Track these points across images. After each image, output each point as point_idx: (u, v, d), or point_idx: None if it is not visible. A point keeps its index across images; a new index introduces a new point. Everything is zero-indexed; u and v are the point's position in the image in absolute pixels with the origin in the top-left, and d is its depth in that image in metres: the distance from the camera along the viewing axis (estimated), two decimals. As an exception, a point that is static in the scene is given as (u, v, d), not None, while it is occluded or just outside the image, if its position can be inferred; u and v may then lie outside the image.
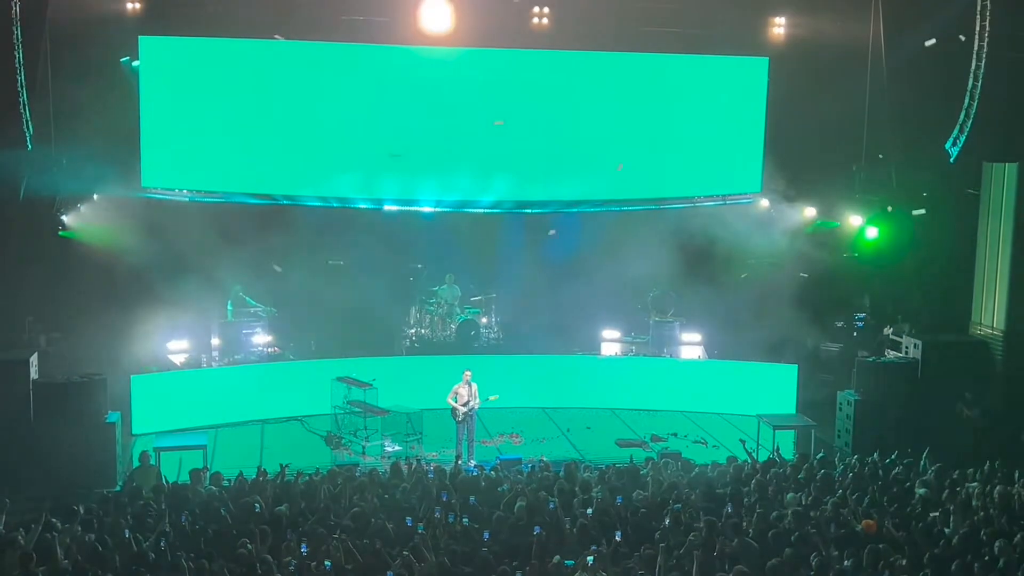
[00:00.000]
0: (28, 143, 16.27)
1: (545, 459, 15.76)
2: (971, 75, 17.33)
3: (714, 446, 17.76)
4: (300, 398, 18.68)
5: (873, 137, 19.90)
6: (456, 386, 16.70)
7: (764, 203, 20.42)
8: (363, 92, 18.94)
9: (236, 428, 18.21)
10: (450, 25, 18.32)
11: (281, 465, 13.60)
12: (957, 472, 13.52)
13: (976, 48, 17.17)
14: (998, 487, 12.76)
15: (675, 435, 18.36)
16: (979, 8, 17.05)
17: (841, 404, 17.72)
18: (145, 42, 17.94)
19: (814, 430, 17.38)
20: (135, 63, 18.05)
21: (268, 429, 18.37)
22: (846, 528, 11.40)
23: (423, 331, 21.22)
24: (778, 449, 15.34)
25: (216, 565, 10.03)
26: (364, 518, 11.59)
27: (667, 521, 11.57)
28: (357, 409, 17.61)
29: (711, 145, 19.93)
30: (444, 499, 12.37)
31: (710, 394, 19.63)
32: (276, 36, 18.40)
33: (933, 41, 18.18)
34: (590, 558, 10.19)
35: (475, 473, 14.08)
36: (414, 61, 18.92)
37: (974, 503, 12.29)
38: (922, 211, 19.14)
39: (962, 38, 17.46)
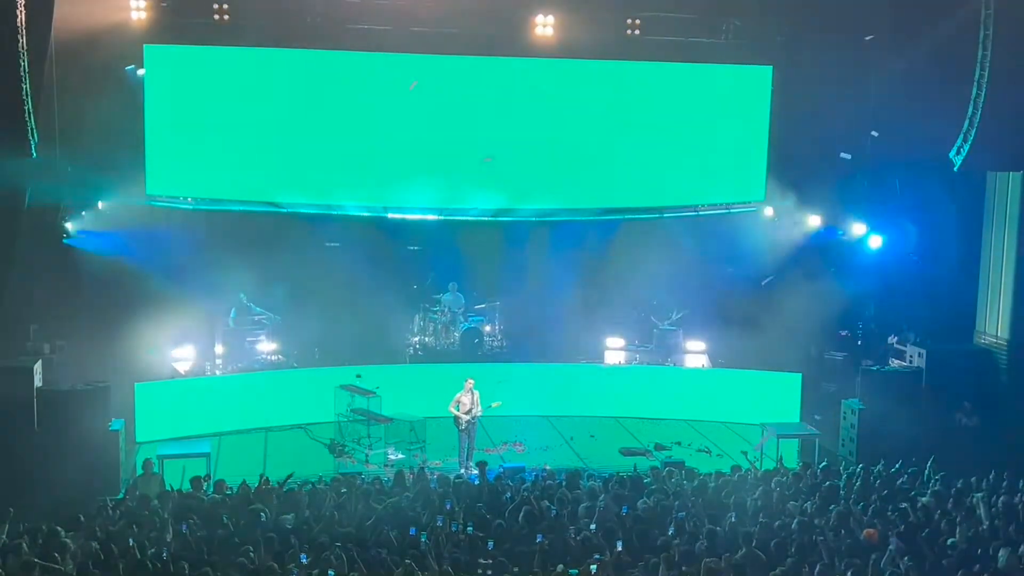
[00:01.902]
0: (33, 151, 16.30)
1: (548, 467, 15.78)
2: (975, 83, 17.34)
3: (718, 455, 17.72)
4: (304, 406, 18.68)
5: (877, 145, 19.89)
6: (458, 394, 16.69)
7: (768, 211, 20.41)
8: (367, 100, 18.97)
9: (240, 436, 18.20)
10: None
11: (287, 477, 13.61)
12: (962, 481, 13.48)
13: (980, 56, 17.18)
14: (1003, 497, 12.72)
15: (679, 444, 18.33)
16: (983, 16, 17.06)
17: (845, 413, 17.69)
18: (150, 50, 17.99)
19: (818, 439, 17.35)
20: (140, 71, 18.10)
21: (271, 437, 18.37)
22: (851, 537, 11.37)
23: (426, 339, 21.21)
24: (781, 460, 15.31)
25: (219, 573, 10.02)
26: (368, 527, 11.58)
27: (671, 530, 11.56)
28: (360, 417, 17.60)
29: (715, 153, 19.93)
30: (448, 508, 12.36)
31: (714, 403, 19.60)
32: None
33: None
34: (593, 567, 10.17)
35: (478, 482, 14.06)
36: (419, 69, 18.96)
37: (979, 513, 12.24)
38: None
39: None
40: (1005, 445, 16.07)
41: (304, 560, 10.36)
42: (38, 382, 15.63)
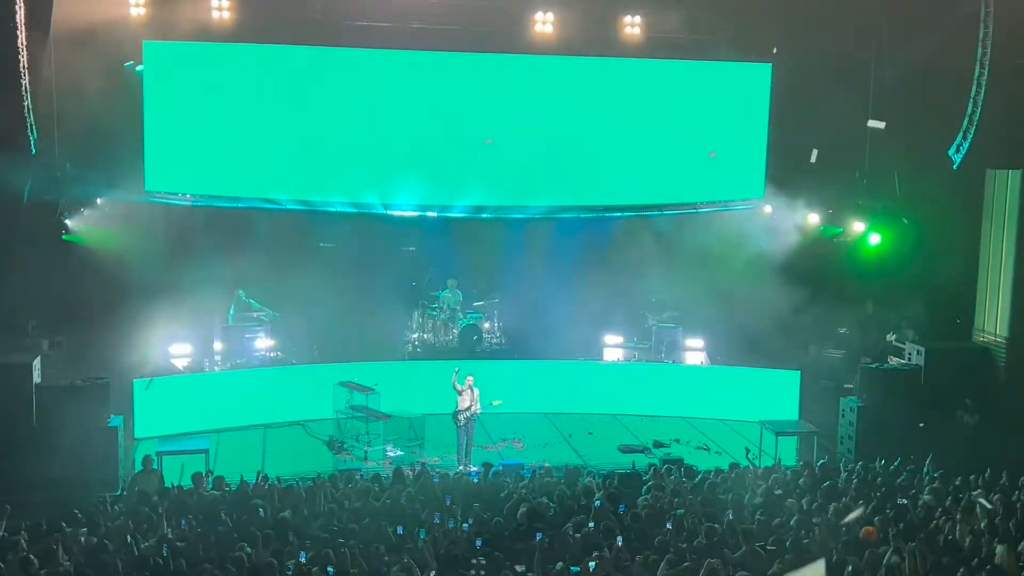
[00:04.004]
0: (32, 148, 16.30)
1: (547, 464, 15.79)
2: (974, 82, 17.35)
3: (716, 452, 17.74)
4: (302, 402, 18.69)
5: (876, 143, 19.89)
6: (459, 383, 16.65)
7: (767, 209, 20.41)
8: (367, 97, 18.94)
9: (238, 432, 18.20)
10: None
11: (278, 478, 13.61)
12: (960, 479, 13.49)
13: (979, 55, 17.19)
14: (1001, 494, 12.73)
15: (677, 441, 18.36)
16: (982, 15, 17.07)
17: (844, 411, 17.70)
18: (149, 47, 17.96)
19: (816, 436, 17.36)
20: (139, 68, 18.07)
21: (270, 433, 18.37)
22: (848, 535, 11.38)
23: (425, 336, 21.22)
24: (780, 462, 15.31)
25: (217, 570, 10.02)
26: (367, 523, 11.59)
27: (669, 526, 11.57)
28: (359, 414, 17.61)
29: (714, 150, 19.91)
30: (448, 504, 12.37)
31: (712, 400, 19.62)
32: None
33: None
34: (592, 563, 10.18)
35: (476, 479, 14.08)
36: (418, 66, 18.95)
37: (978, 510, 12.25)
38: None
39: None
40: (1003, 442, 16.10)
41: (303, 557, 10.36)
42: (37, 378, 15.66)
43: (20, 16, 15.64)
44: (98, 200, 18.29)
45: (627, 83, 19.64)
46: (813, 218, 20.33)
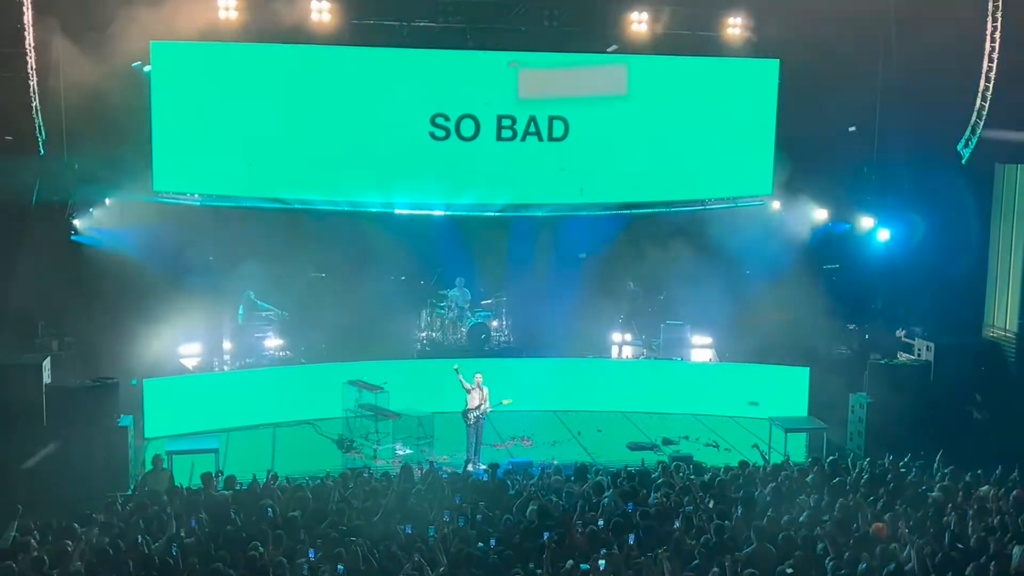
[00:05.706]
0: (40, 148, 16.34)
1: (556, 462, 15.78)
2: (982, 76, 17.29)
3: (726, 449, 17.73)
4: (312, 402, 18.72)
5: (884, 138, 19.84)
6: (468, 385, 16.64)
7: (775, 205, 20.37)
8: (374, 96, 18.93)
9: (248, 432, 18.25)
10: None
11: (287, 478, 13.63)
12: (969, 475, 13.45)
13: (988, 48, 17.14)
14: (1013, 490, 12.69)
15: (686, 438, 18.34)
16: (990, 8, 17.02)
17: (853, 407, 17.67)
18: (156, 47, 17.98)
19: (826, 433, 17.34)
20: (147, 68, 18.09)
21: (280, 433, 18.41)
22: (859, 531, 11.35)
23: (434, 334, 21.24)
24: (788, 460, 15.28)
25: (228, 569, 10.03)
26: (377, 522, 11.59)
27: (678, 524, 11.55)
28: (368, 412, 17.62)
29: (722, 147, 19.88)
30: (458, 502, 12.37)
31: (721, 397, 19.60)
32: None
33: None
34: (602, 562, 10.17)
35: (485, 478, 14.07)
36: (422, 65, 18.94)
37: (989, 506, 12.21)
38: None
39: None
40: (1013, 437, 16.05)
41: (312, 555, 10.37)
42: (47, 379, 15.69)
43: (27, 17, 15.69)
44: (107, 200, 18.34)
45: (635, 81, 19.59)
46: (821, 214, 20.30)
